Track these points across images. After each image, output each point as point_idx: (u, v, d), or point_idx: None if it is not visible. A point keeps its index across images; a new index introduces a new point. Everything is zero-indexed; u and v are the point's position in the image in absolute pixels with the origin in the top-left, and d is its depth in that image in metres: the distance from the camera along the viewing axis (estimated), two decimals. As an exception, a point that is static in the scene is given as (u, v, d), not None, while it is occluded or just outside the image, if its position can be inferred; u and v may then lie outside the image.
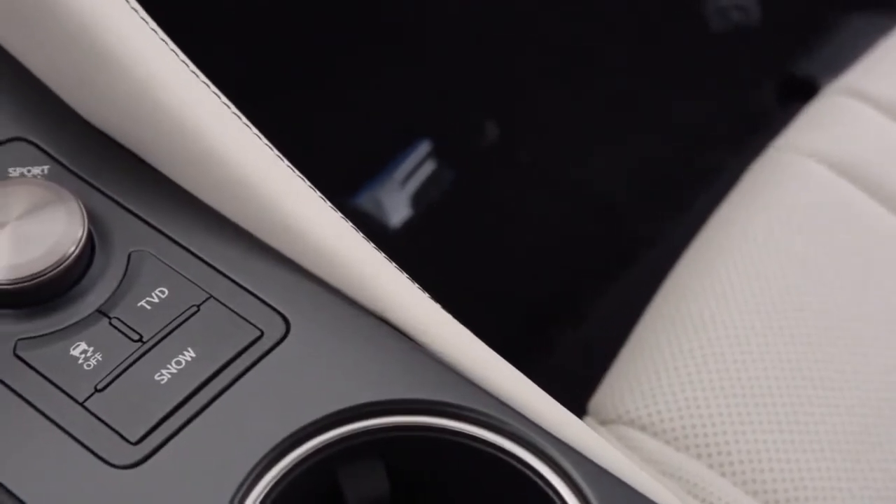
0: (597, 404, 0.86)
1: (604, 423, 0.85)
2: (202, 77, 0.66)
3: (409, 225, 1.43)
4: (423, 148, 1.48)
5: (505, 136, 1.51)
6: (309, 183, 0.65)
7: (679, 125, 1.54)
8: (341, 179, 1.43)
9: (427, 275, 0.64)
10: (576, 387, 0.92)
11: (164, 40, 0.65)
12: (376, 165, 1.46)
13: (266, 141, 0.65)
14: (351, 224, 0.64)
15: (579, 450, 0.58)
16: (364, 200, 1.42)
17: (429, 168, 1.47)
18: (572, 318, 1.34)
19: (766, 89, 1.56)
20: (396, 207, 1.43)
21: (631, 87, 1.56)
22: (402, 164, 1.46)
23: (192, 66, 0.65)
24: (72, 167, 0.66)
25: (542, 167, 1.49)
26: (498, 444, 0.58)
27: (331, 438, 0.58)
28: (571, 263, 1.41)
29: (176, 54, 0.65)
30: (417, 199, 1.45)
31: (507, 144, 1.50)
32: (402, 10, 1.52)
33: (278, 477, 0.57)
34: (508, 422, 0.58)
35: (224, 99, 0.65)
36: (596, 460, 0.58)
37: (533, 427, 0.59)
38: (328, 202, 0.64)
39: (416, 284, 0.64)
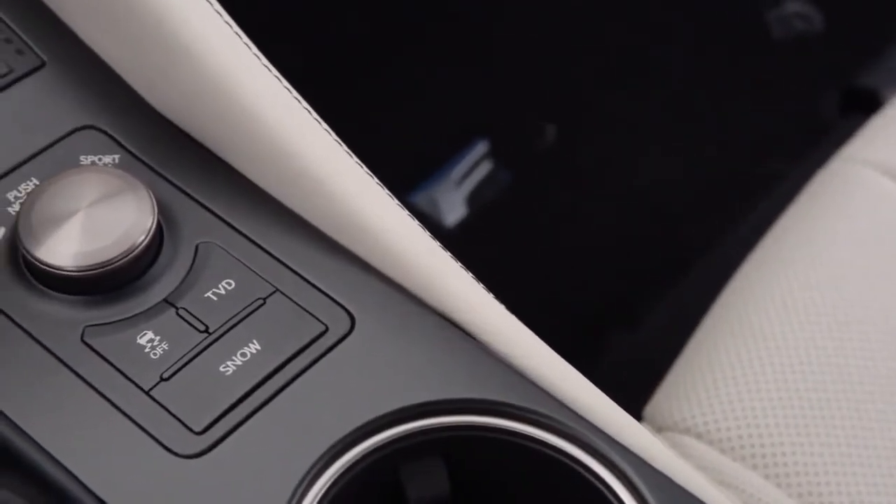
0: (652, 410, 0.86)
1: (659, 429, 0.84)
2: (274, 71, 0.66)
3: (463, 225, 1.43)
4: (481, 148, 1.48)
5: (562, 139, 1.51)
6: (377, 180, 0.65)
7: (737, 133, 1.53)
8: (398, 177, 1.43)
9: (480, 275, 0.64)
10: (627, 392, 0.92)
11: (237, 34, 0.66)
12: (433, 164, 1.46)
13: (336, 137, 0.65)
14: (418, 222, 0.64)
15: (640, 455, 0.58)
16: (420, 199, 1.43)
17: (485, 169, 1.47)
18: (625, 323, 1.33)
19: (828, 100, 1.55)
20: (452, 207, 1.43)
21: (690, 92, 1.55)
22: (458, 163, 1.46)
23: (265, 60, 0.66)
24: (142, 157, 0.66)
25: (599, 171, 1.48)
26: (559, 446, 0.58)
27: (393, 436, 0.58)
28: (626, 268, 1.41)
29: (248, 48, 0.66)
30: (473, 199, 1.45)
31: (564, 147, 1.50)
32: (466, 12, 1.52)
33: (340, 472, 0.57)
34: (570, 425, 0.58)
35: (295, 94, 0.66)
36: (656, 466, 0.58)
37: (594, 430, 0.58)
38: (395, 199, 0.65)
39: (482, 285, 0.64)
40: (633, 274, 1.40)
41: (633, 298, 1.37)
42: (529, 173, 1.49)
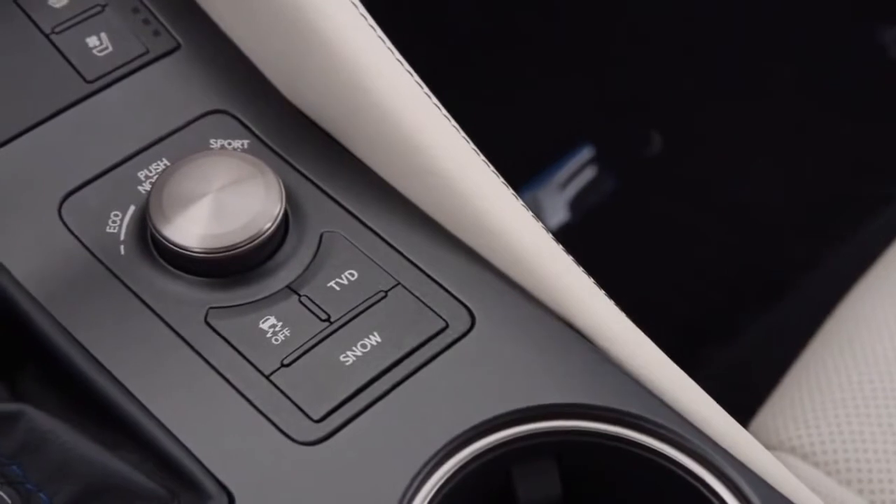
0: (757, 429, 0.85)
1: (765, 447, 0.83)
2: (406, 66, 0.66)
3: (565, 229, 1.43)
4: (586, 153, 1.48)
5: (668, 149, 1.50)
6: (503, 180, 0.65)
7: (847, 151, 1.51)
8: (502, 176, 1.43)
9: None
10: (723, 406, 0.91)
11: (372, 27, 0.66)
12: (538, 166, 1.46)
13: (464, 134, 0.65)
14: (542, 225, 0.64)
15: (758, 473, 0.58)
16: (523, 199, 1.42)
17: (590, 174, 1.47)
18: (723, 338, 1.32)
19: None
20: (554, 210, 1.43)
21: (800, 108, 1.53)
22: (563, 167, 1.46)
23: (398, 55, 0.66)
24: (270, 143, 0.67)
25: (704, 183, 1.47)
26: (676, 459, 0.58)
27: (509, 436, 0.58)
28: (726, 282, 1.39)
29: (383, 42, 0.66)
30: (576, 203, 1.45)
31: (669, 157, 1.49)
32: (579, 17, 1.51)
33: (454, 469, 0.57)
34: (689, 438, 0.58)
35: (426, 89, 0.66)
36: (775, 486, 0.57)
37: (713, 446, 0.58)
38: (520, 200, 0.65)
39: (603, 291, 0.63)
40: (732, 288, 1.39)
41: (732, 313, 1.36)
42: (633, 181, 1.48)
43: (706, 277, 1.40)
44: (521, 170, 1.46)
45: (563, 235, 1.41)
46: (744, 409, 0.89)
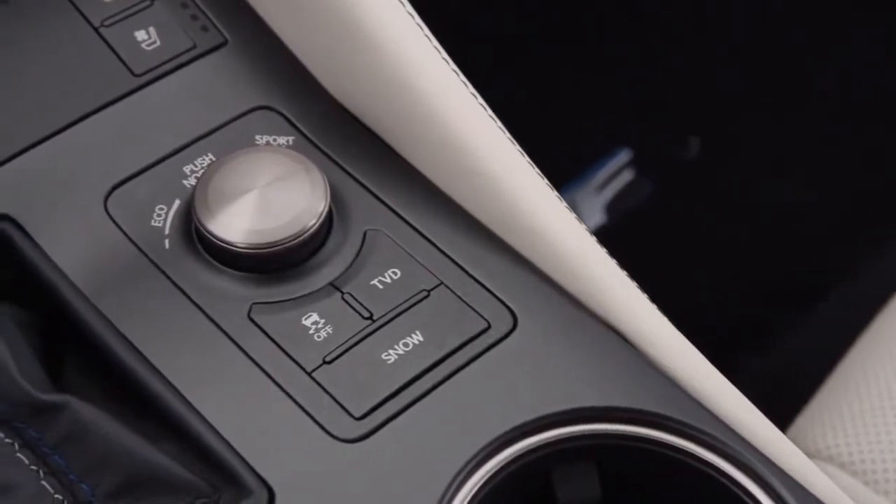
0: (795, 436, 0.85)
1: (802, 455, 0.83)
2: (452, 65, 0.66)
3: (601, 231, 1.42)
4: (624, 156, 1.47)
5: (707, 154, 1.49)
6: (548, 182, 0.65)
7: (888, 161, 1.50)
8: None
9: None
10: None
11: (419, 25, 0.66)
12: (576, 168, 1.46)
13: (509, 135, 0.65)
14: (586, 227, 0.64)
15: (800, 482, 0.57)
16: (560, 201, 1.42)
17: (627, 177, 1.46)
18: (759, 345, 1.31)
19: None
20: (591, 212, 1.43)
21: (842, 115, 1.52)
22: (601, 169, 1.46)
23: (444, 53, 0.66)
24: (315, 140, 0.67)
25: (741, 188, 1.46)
26: (718, 465, 0.57)
27: (550, 438, 0.58)
28: (762, 290, 1.39)
29: (429, 40, 0.66)
30: (612, 206, 1.44)
31: (708, 162, 1.48)
32: (619, 21, 1.51)
33: (495, 470, 0.57)
34: (731, 445, 0.58)
35: (472, 89, 0.66)
36: (818, 496, 0.57)
37: (755, 453, 0.58)
38: (565, 202, 0.64)
39: (646, 295, 0.63)
40: (769, 296, 1.38)
41: (768, 320, 1.35)
42: (670, 186, 1.47)
43: (742, 283, 1.39)
44: (559, 171, 1.45)
45: (600, 238, 1.41)
46: (780, 416, 0.89)
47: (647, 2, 1.49)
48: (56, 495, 0.55)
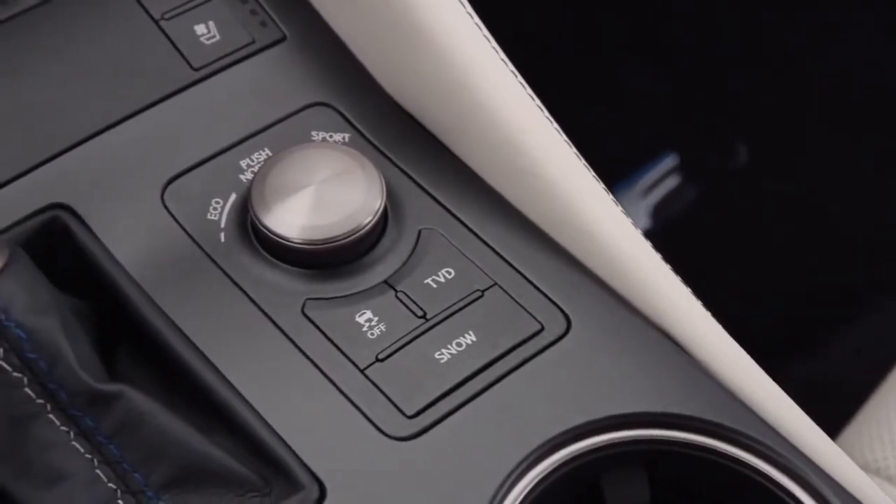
0: (840, 446, 0.84)
1: (848, 467, 0.82)
2: (510, 66, 0.66)
3: (645, 236, 1.42)
4: (670, 161, 1.47)
5: (754, 162, 1.48)
6: (604, 185, 0.65)
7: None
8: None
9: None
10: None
11: (478, 25, 0.66)
12: (622, 171, 1.45)
13: (566, 137, 0.65)
14: (640, 231, 0.64)
15: (852, 493, 0.57)
16: (605, 204, 1.41)
17: (672, 182, 1.46)
18: (805, 354, 1.30)
19: None
20: (636, 217, 1.42)
21: (893, 126, 1.51)
22: (646, 174, 1.45)
23: (502, 54, 0.66)
24: (371, 138, 0.67)
25: (789, 197, 1.46)
26: (770, 475, 0.57)
27: (601, 442, 0.58)
28: (808, 299, 1.38)
29: (488, 41, 0.66)
30: (657, 211, 1.44)
31: (755, 170, 1.48)
32: (667, 26, 1.50)
33: (545, 472, 0.57)
34: (784, 454, 0.57)
35: (529, 91, 0.66)
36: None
37: (808, 463, 0.57)
38: (620, 206, 0.64)
39: (699, 301, 0.63)
40: (813, 305, 1.37)
41: (813, 329, 1.34)
42: (716, 192, 1.47)
43: (787, 291, 1.38)
44: (605, 174, 1.45)
45: (644, 243, 1.40)
46: (823, 427, 0.88)
47: (698, 10, 1.49)
48: (109, 484, 0.55)
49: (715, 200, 1.47)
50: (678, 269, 0.75)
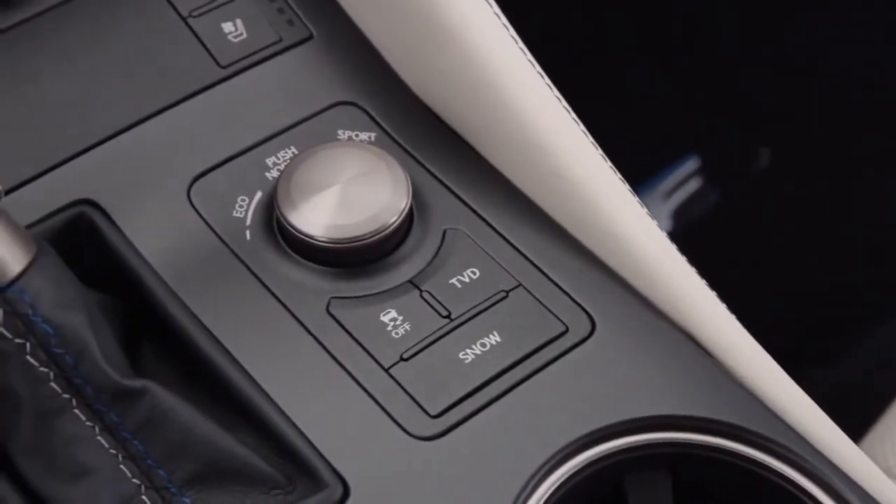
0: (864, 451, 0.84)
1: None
2: (538, 67, 0.66)
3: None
4: (692, 164, 1.47)
5: (776, 165, 1.48)
6: (630, 187, 0.64)
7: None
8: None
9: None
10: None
11: (505, 26, 0.66)
12: (644, 173, 1.45)
13: (592, 139, 0.65)
14: (666, 235, 0.64)
15: (878, 499, 0.57)
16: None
17: (694, 185, 1.45)
18: (825, 361, 1.30)
19: None
20: (657, 219, 1.42)
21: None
22: (668, 176, 1.45)
23: (530, 55, 0.66)
24: (397, 137, 0.67)
25: (811, 202, 1.45)
26: (794, 479, 0.57)
27: (625, 445, 0.58)
28: (831, 303, 1.37)
29: (516, 41, 0.66)
30: (679, 214, 1.44)
31: (777, 173, 1.47)
32: (693, 31, 1.50)
33: (569, 474, 0.57)
34: (809, 459, 0.57)
35: (556, 92, 0.66)
36: (894, 513, 0.57)
37: (833, 468, 0.57)
38: (646, 208, 0.64)
39: (724, 305, 0.63)
40: (837, 310, 1.37)
41: (833, 335, 1.34)
42: (738, 196, 1.46)
43: (808, 296, 1.38)
44: (626, 177, 1.45)
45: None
46: (847, 432, 0.88)
47: (722, 13, 1.49)
48: (134, 480, 0.55)
49: (736, 203, 1.46)
50: (699, 273, 0.75)
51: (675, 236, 1.42)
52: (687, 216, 1.44)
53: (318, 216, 0.61)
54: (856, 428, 0.89)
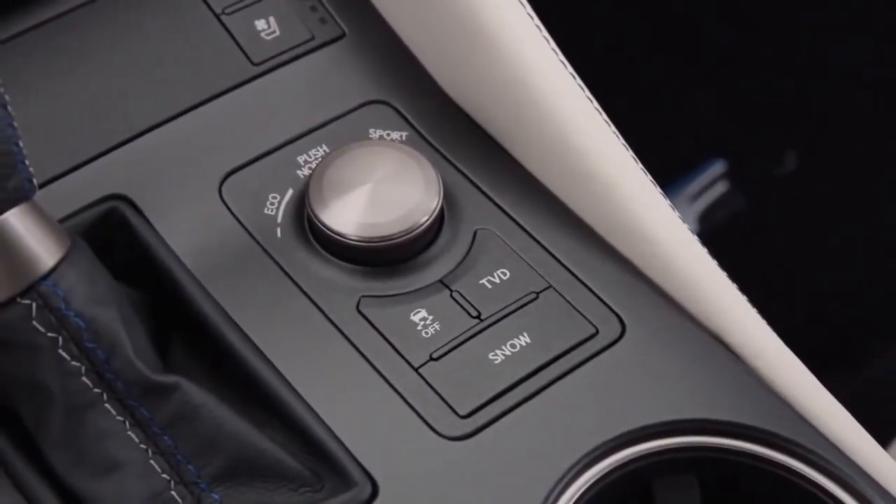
0: (893, 457, 0.83)
1: None
2: (570, 68, 0.66)
3: (692, 242, 1.41)
4: (718, 167, 1.46)
5: (804, 169, 1.47)
6: (661, 190, 0.64)
7: None
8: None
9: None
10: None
11: (538, 27, 0.66)
12: (670, 176, 1.45)
13: (623, 141, 0.65)
14: (696, 237, 0.63)
15: (907, 506, 0.57)
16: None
17: (721, 189, 1.45)
18: (850, 367, 1.29)
19: None
20: (685, 222, 1.42)
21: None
22: (695, 179, 1.45)
23: (562, 56, 0.66)
24: (428, 137, 0.67)
25: (837, 206, 1.44)
26: (823, 485, 0.57)
27: (654, 448, 0.57)
28: (856, 309, 1.37)
29: (548, 42, 0.66)
30: (706, 217, 1.43)
31: (804, 177, 1.47)
32: (718, 33, 1.50)
33: (597, 477, 0.57)
34: (837, 465, 0.57)
35: (588, 93, 0.66)
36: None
37: (862, 474, 0.57)
38: (677, 212, 0.64)
39: (755, 310, 0.63)
40: (862, 317, 1.36)
41: (860, 341, 1.33)
42: (766, 199, 1.46)
43: (834, 303, 1.37)
44: (654, 178, 1.44)
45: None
46: (875, 437, 0.88)
47: (752, 16, 1.48)
48: (163, 475, 0.55)
49: (763, 206, 1.46)
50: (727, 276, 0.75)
51: (701, 239, 1.42)
52: (713, 220, 1.44)
53: (349, 214, 0.62)
54: (884, 433, 0.89)
